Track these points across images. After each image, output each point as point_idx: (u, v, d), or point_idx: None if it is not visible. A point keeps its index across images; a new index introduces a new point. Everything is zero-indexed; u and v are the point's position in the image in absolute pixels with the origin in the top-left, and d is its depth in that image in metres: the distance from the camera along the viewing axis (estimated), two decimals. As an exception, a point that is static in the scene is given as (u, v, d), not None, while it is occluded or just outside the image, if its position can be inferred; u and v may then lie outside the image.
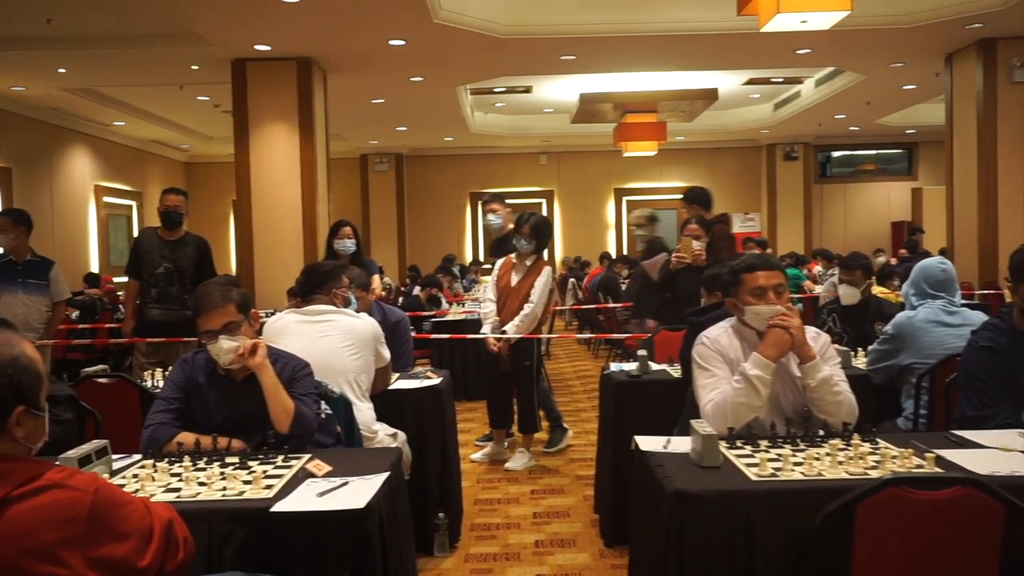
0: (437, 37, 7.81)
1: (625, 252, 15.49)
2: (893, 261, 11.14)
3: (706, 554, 2.08)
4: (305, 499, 2.15)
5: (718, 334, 2.88)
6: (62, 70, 8.94)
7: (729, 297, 2.90)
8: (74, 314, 8.30)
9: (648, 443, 2.57)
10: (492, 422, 5.50)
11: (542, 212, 16.21)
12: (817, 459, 2.30)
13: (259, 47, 7.92)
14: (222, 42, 7.77)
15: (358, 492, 2.17)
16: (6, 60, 8.24)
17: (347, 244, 5.72)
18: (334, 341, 3.42)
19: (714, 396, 2.70)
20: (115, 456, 2.54)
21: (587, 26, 8.06)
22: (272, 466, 2.45)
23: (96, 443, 2.40)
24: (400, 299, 10.27)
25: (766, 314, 2.72)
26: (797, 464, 2.28)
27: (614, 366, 4.33)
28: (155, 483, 2.32)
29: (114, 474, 2.42)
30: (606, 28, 8.07)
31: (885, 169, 17.00)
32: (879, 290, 7.05)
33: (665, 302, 5.47)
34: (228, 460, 2.51)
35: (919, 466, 2.23)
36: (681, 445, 2.50)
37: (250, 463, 2.48)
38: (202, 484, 2.29)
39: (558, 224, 16.64)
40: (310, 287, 3.59)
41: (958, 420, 2.90)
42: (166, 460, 2.51)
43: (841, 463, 2.27)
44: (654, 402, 3.89)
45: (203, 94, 10.68)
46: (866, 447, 2.43)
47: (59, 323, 6.13)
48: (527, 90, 12.18)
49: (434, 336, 7.29)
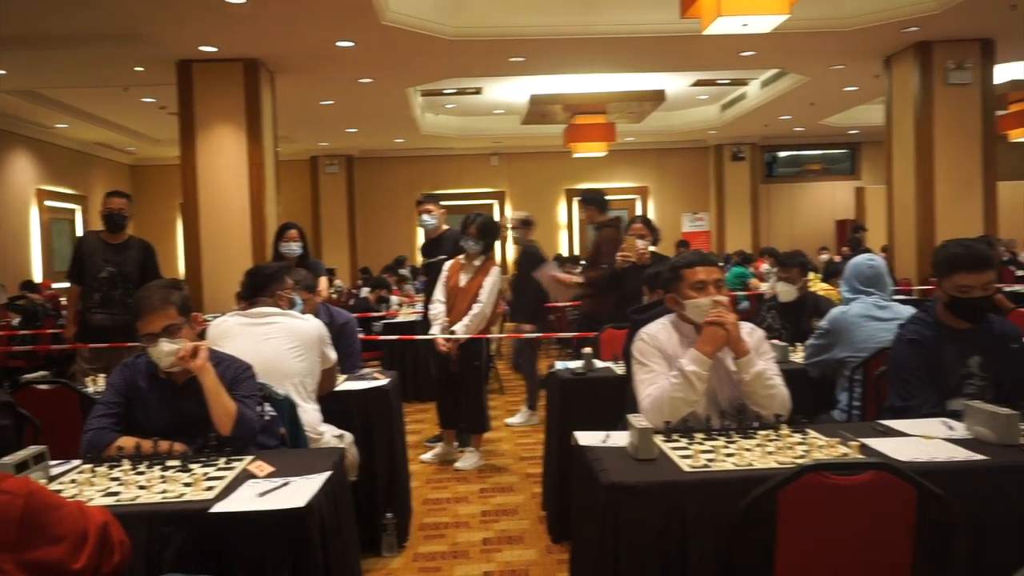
0: (385, 39, 7.80)
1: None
2: (836, 259, 11.41)
3: (641, 544, 2.14)
4: (245, 499, 2.16)
5: (656, 330, 2.95)
6: (2, 72, 8.75)
7: (669, 293, 2.98)
8: (15, 320, 8.13)
9: (587, 438, 2.62)
10: (442, 422, 5.53)
11: (494, 213, 16.39)
12: (748, 450, 2.38)
13: (205, 48, 7.83)
14: (167, 43, 7.68)
15: (299, 492, 2.19)
16: (-58, 61, 8.05)
17: (293, 247, 5.69)
18: (279, 343, 3.42)
19: (652, 391, 2.76)
20: (55, 462, 2.52)
21: (535, 28, 8.12)
22: (214, 468, 2.45)
23: (33, 449, 2.39)
24: (351, 301, 10.23)
25: (706, 306, 2.81)
26: (729, 455, 2.35)
27: (559, 364, 4.39)
28: (94, 488, 2.31)
29: (52, 479, 2.41)
30: (554, 30, 8.14)
31: (829, 169, 17.35)
32: (823, 287, 7.22)
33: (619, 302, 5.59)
34: (169, 463, 2.50)
35: (844, 454, 2.32)
36: (619, 439, 2.56)
37: (191, 465, 2.48)
38: (142, 487, 2.29)
39: (510, 225, 16.69)
40: (254, 289, 3.58)
41: (887, 410, 3.01)
42: (105, 464, 2.50)
43: (771, 453, 2.35)
44: (599, 399, 3.96)
45: (148, 96, 10.51)
46: (796, 438, 2.51)
47: None
48: (477, 91, 12.21)
49: (383, 337, 7.28)
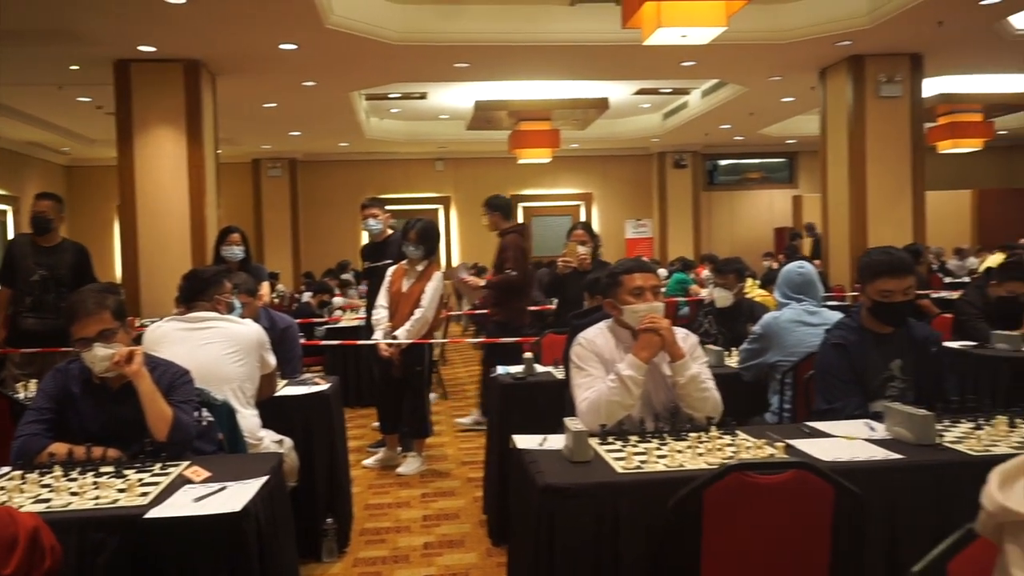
0: (329, 42, 7.78)
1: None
2: (774, 265, 11.67)
3: (575, 544, 2.19)
4: (180, 505, 2.15)
5: (594, 335, 3.01)
6: (-72, 68, 8.49)
7: (607, 299, 3.04)
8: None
9: (525, 441, 2.67)
10: (383, 428, 5.53)
11: (439, 218, 16.39)
12: (680, 452, 2.45)
13: (143, 48, 7.71)
14: (104, 42, 7.53)
15: (235, 496, 2.19)
16: None
17: (235, 251, 5.65)
18: (217, 348, 3.39)
19: (589, 395, 2.82)
20: (-18, 469, 2.47)
21: (480, 35, 8.17)
22: (148, 474, 2.43)
23: (-40, 455, 2.34)
24: (294, 306, 10.13)
25: (643, 312, 2.87)
26: (661, 457, 2.42)
27: (500, 369, 4.43)
28: (24, 495, 2.27)
29: (-20, 487, 2.36)
30: (499, 37, 8.20)
31: (769, 177, 17.75)
32: (760, 293, 7.39)
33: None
34: (102, 469, 2.47)
35: (771, 455, 2.40)
36: (556, 443, 2.61)
37: (125, 472, 2.45)
38: (74, 494, 2.26)
39: (455, 230, 16.72)
40: (192, 294, 3.55)
41: (814, 413, 3.12)
42: (36, 471, 2.46)
43: (701, 454, 2.42)
44: (539, 403, 4.01)
45: (84, 95, 10.29)
46: (726, 439, 2.59)
47: None
48: (422, 96, 12.22)
49: (325, 342, 7.24)
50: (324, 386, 4.07)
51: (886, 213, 9.07)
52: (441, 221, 16.59)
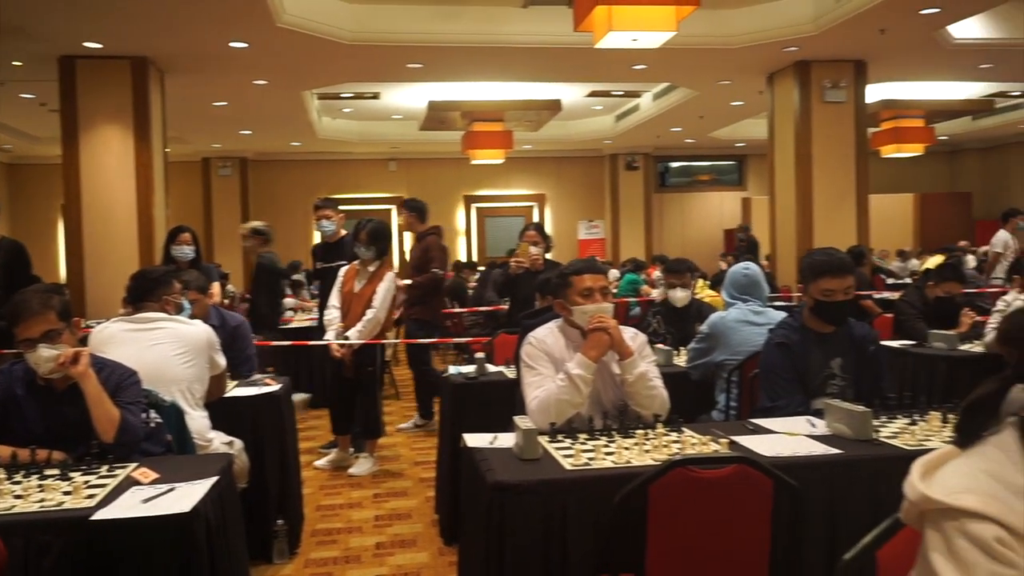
0: (280, 41, 7.71)
1: (475, 258, 15.71)
2: (723, 266, 11.86)
3: (524, 540, 2.22)
4: (128, 506, 2.14)
5: (544, 334, 3.05)
6: None
7: (558, 299, 3.08)
8: None
9: (475, 440, 2.70)
10: (335, 428, 5.51)
11: (392, 219, 16.31)
12: (627, 449, 2.50)
13: (89, 44, 7.56)
14: (48, 38, 7.38)
15: (184, 497, 2.18)
16: None
17: (185, 250, 5.59)
18: (166, 349, 3.36)
19: (539, 393, 2.86)
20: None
21: (433, 35, 8.17)
22: (95, 476, 2.41)
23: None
24: (245, 306, 10.01)
25: (593, 312, 2.92)
26: (609, 454, 2.47)
27: (452, 369, 4.45)
28: (-34, 498, 2.24)
29: (-80, 491, 2.31)
30: (452, 38, 8.21)
31: (719, 179, 18.02)
32: (709, 294, 7.52)
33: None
34: (47, 472, 2.44)
35: (715, 451, 2.46)
36: (506, 441, 2.64)
37: (71, 474, 2.43)
38: (18, 497, 2.23)
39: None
40: (140, 294, 3.51)
41: (758, 410, 3.20)
42: (-22, 474, 2.42)
43: (648, 451, 2.48)
44: (491, 403, 4.03)
45: (27, 91, 10.05)
46: (672, 436, 2.65)
47: None
48: (375, 96, 12.17)
49: (276, 343, 7.17)
50: (275, 387, 4.05)
51: (831, 215, 9.28)
52: (394, 222, 16.50)
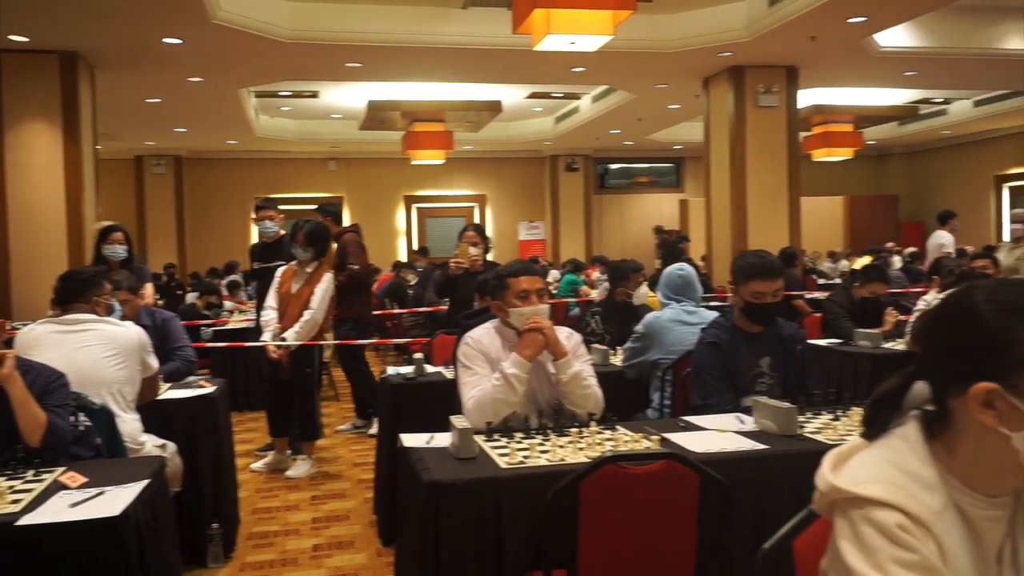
0: (216, 38, 7.59)
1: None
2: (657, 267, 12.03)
3: (459, 538, 2.25)
4: (56, 511, 2.10)
5: (481, 335, 3.08)
6: None
7: (495, 301, 3.11)
8: None
9: (412, 440, 2.71)
10: (272, 430, 5.46)
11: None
12: (561, 447, 2.54)
13: (15, 38, 7.33)
14: (-30, 30, 7.15)
15: (114, 501, 2.15)
16: None
17: (117, 250, 5.46)
18: (96, 351, 3.29)
19: (475, 393, 2.89)
20: None
21: (372, 35, 8.12)
22: (21, 481, 2.36)
23: None
24: (179, 307, 9.83)
25: (529, 315, 2.96)
26: (544, 452, 2.51)
27: (391, 370, 4.45)
28: None
29: None
30: (391, 38, 8.18)
31: (657, 182, 18.28)
32: (647, 294, 7.64)
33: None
34: (-30, 477, 2.39)
35: (647, 448, 2.52)
36: (443, 440, 2.66)
37: (-4, 479, 2.37)
38: (-61, 503, 2.18)
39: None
40: (68, 295, 3.43)
41: (691, 408, 3.28)
42: None
43: (582, 449, 2.52)
44: (429, 403, 4.04)
45: (-52, 85, 9.70)
46: (606, 434, 2.70)
47: None
48: (314, 95, 12.06)
49: (211, 344, 7.08)
50: (210, 389, 4.00)
51: (765, 217, 9.50)
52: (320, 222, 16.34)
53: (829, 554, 1.21)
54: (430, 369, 4.45)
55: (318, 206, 6.54)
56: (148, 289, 5.37)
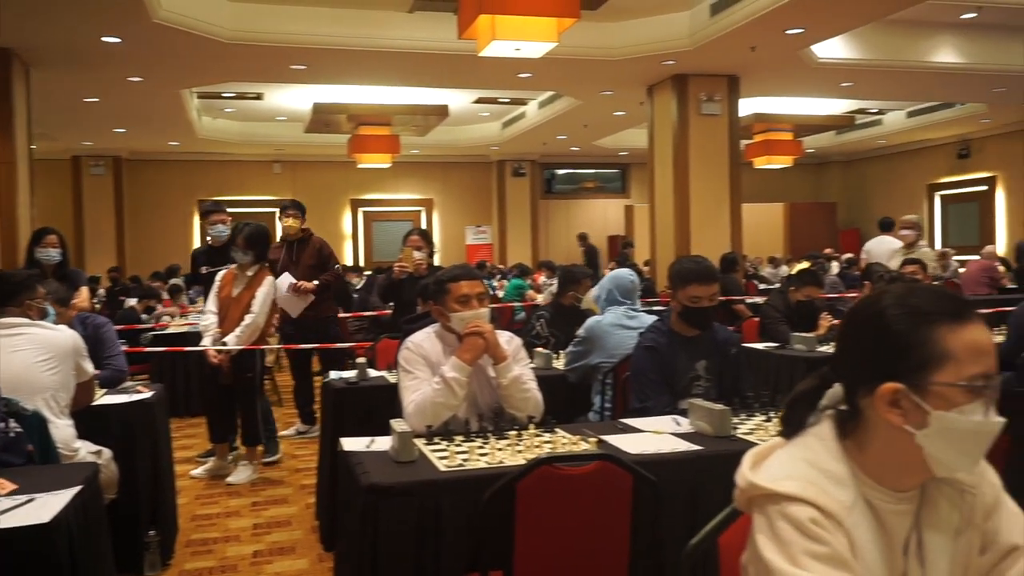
0: (156, 37, 7.47)
1: (361, 263, 15.56)
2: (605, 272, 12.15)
3: (398, 541, 2.26)
4: (-17, 519, 2.06)
5: (422, 339, 3.09)
6: None
7: (436, 305, 3.13)
8: None
9: (352, 444, 2.72)
10: (212, 436, 5.38)
11: (275, 221, 15.96)
12: (500, 450, 2.57)
13: (-56, 34, 7.15)
14: None
15: (44, 507, 2.12)
16: None
17: (51, 253, 5.32)
18: (28, 356, 3.22)
19: (416, 397, 2.90)
20: None
21: (317, 37, 8.08)
22: (-53, 489, 2.30)
23: None
24: (117, 312, 9.62)
25: (470, 319, 2.98)
26: (483, 455, 2.53)
27: (334, 374, 4.44)
28: None
29: None
30: (336, 41, 8.15)
31: (603, 187, 18.47)
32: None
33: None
34: None
35: (585, 450, 2.56)
36: (383, 444, 2.67)
37: (-79, 487, 2.31)
38: None
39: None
40: (0, 299, 3.36)
41: (629, 411, 3.33)
42: None
43: (521, 451, 2.56)
44: (371, 407, 4.02)
45: None
46: (545, 437, 2.74)
47: None
48: (258, 97, 11.93)
49: (149, 349, 6.95)
50: (147, 394, 3.94)
51: (707, 223, 9.68)
52: (278, 226, 16.14)
53: (749, 549, 1.26)
54: (373, 373, 4.45)
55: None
56: (83, 293, 5.26)
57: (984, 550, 1.28)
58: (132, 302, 9.27)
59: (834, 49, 9.10)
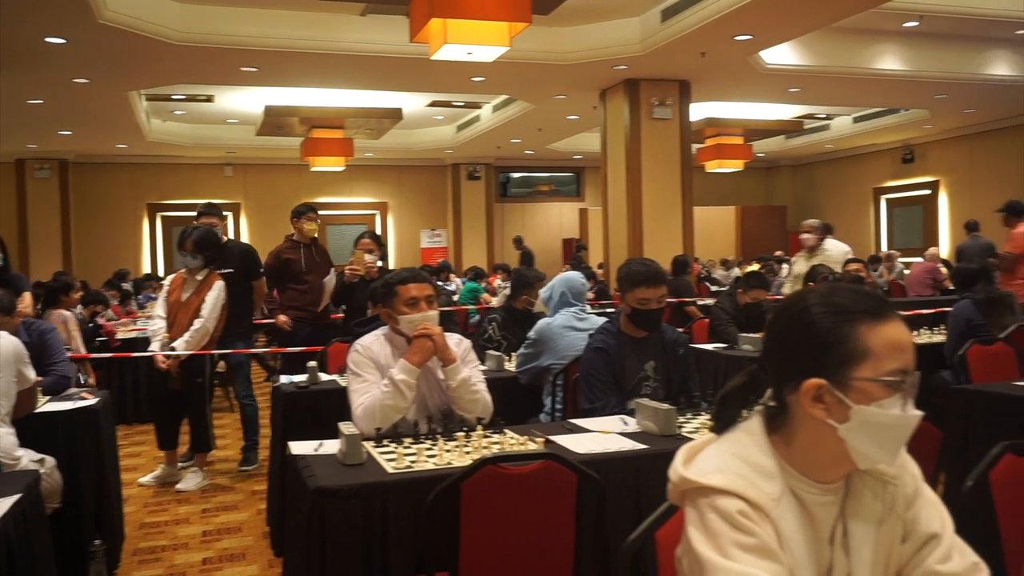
0: (102, 38, 7.34)
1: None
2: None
3: (345, 544, 2.26)
4: (-82, 529, 2.02)
5: (371, 342, 3.09)
6: None
7: (384, 308, 3.13)
8: None
9: (300, 447, 2.71)
10: (161, 443, 5.31)
11: (228, 226, 15.77)
12: (449, 451, 2.59)
13: None
14: None
15: (-18, 516, 2.08)
16: None
17: (-9, 258, 5.21)
18: (-33, 363, 3.16)
19: (364, 400, 2.90)
20: None
21: (268, 39, 8.01)
22: None
23: None
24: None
25: (418, 321, 2.99)
26: (431, 456, 2.55)
27: (284, 378, 4.41)
28: None
29: None
30: (288, 43, 8.08)
31: (558, 190, 18.56)
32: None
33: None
34: None
35: (532, 450, 2.59)
36: (331, 447, 2.67)
37: None
38: None
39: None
40: (-63, 305, 3.28)
41: (579, 412, 3.37)
42: None
43: (468, 452, 2.57)
44: (321, 411, 4.02)
45: None
46: (493, 438, 2.76)
47: None
48: (209, 99, 11.77)
49: (96, 355, 6.82)
50: (92, 401, 3.88)
51: (660, 226, 9.78)
52: (231, 229, 15.96)
53: (682, 542, 1.29)
54: (324, 377, 4.43)
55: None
56: (27, 298, 5.15)
57: (905, 538, 1.33)
58: (79, 308, 9.07)
59: (782, 55, 9.28)
